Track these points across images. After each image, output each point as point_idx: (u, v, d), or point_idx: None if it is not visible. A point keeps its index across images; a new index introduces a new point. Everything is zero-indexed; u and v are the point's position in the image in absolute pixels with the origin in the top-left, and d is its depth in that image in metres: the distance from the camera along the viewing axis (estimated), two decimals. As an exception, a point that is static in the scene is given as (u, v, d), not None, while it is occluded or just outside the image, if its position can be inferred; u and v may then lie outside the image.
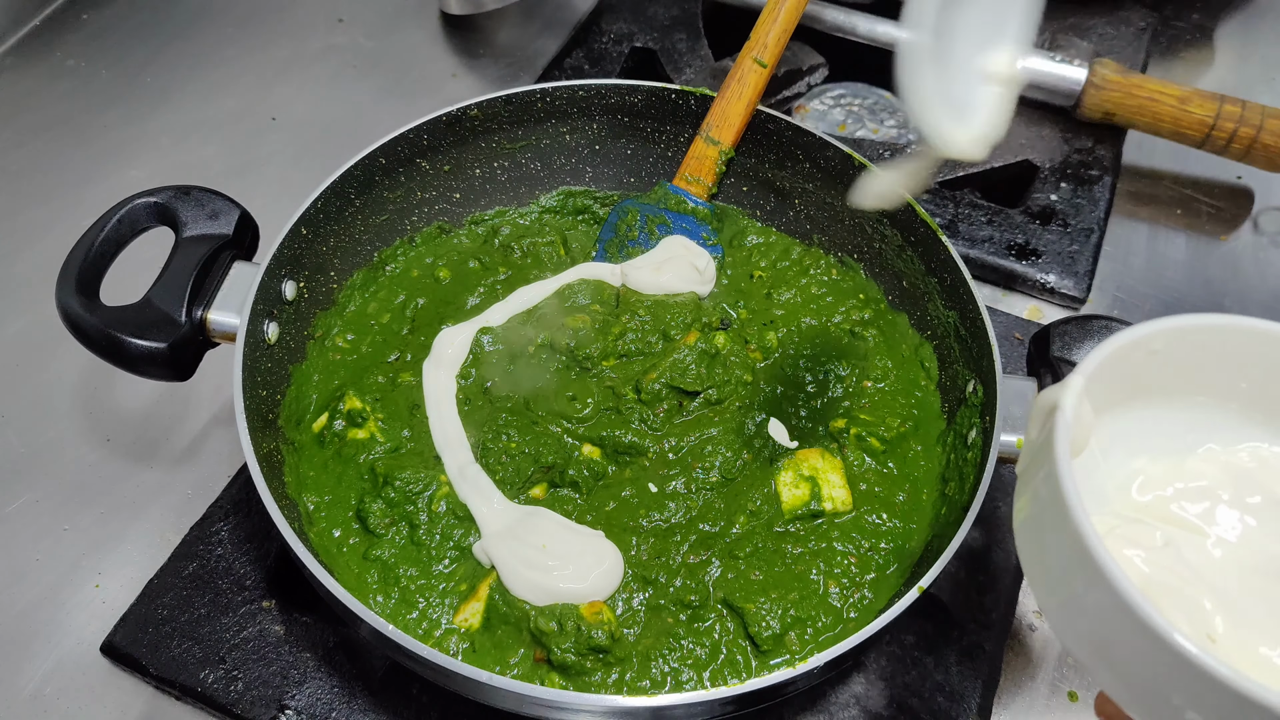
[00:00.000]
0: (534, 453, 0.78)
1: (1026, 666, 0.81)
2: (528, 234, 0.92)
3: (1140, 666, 0.48)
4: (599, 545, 0.73)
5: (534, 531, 0.73)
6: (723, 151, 0.90)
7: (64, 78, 1.21)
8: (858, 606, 0.72)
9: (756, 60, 0.89)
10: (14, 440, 0.90)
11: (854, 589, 0.73)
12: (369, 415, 0.79)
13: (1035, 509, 0.54)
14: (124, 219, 0.75)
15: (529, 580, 0.70)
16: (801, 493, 0.76)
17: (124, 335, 0.70)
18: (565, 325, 0.84)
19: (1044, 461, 0.52)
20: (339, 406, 0.79)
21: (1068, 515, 0.48)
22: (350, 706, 0.74)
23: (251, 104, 1.20)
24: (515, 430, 0.78)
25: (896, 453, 0.79)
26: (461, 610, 0.71)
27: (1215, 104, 1.05)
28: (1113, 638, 0.48)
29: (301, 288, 0.81)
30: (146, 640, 0.76)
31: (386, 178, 0.87)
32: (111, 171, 1.12)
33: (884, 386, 0.83)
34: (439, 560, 0.73)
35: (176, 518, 0.86)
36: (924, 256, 0.83)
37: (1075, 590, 0.50)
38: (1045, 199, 1.08)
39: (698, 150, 0.91)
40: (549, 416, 0.80)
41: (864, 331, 0.87)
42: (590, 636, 0.68)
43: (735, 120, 0.89)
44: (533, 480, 0.78)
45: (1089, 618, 0.50)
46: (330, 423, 0.79)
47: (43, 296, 0.76)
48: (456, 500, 0.75)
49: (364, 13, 1.32)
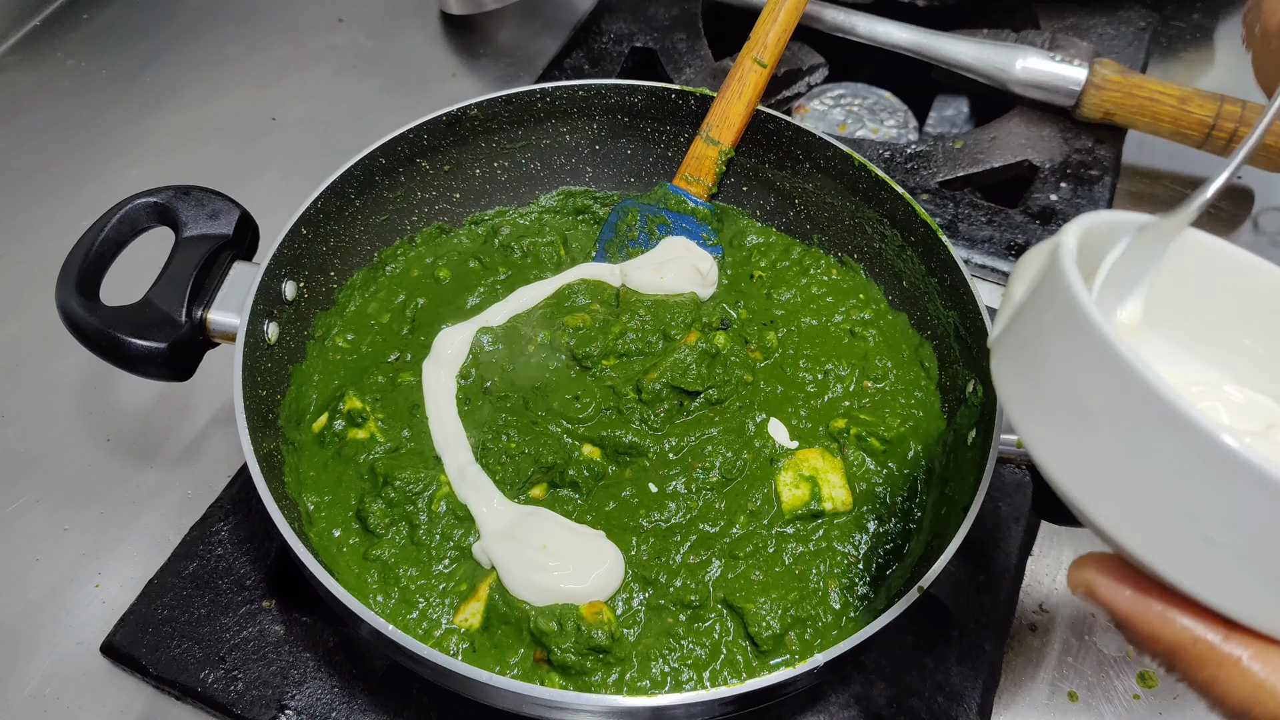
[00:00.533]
0: (534, 453, 0.78)
1: (1026, 666, 0.81)
2: (528, 234, 0.92)
3: (1164, 478, 0.42)
4: (599, 545, 0.73)
5: (534, 532, 0.73)
6: (723, 151, 0.90)
7: (64, 78, 1.21)
8: (857, 606, 0.72)
9: (756, 60, 0.89)
10: (14, 440, 0.90)
11: (854, 589, 0.73)
12: (369, 415, 0.79)
13: (1030, 329, 0.49)
14: (124, 219, 0.75)
15: (529, 580, 0.70)
16: (802, 493, 0.76)
17: (124, 335, 0.70)
18: (565, 324, 0.84)
19: (1044, 280, 0.48)
20: (339, 406, 0.79)
21: (1078, 315, 0.44)
22: (350, 706, 0.74)
23: (251, 104, 1.20)
24: (515, 430, 0.78)
25: (896, 453, 0.79)
26: (461, 610, 0.71)
27: (1215, 104, 1.05)
28: (1135, 447, 0.43)
29: (301, 288, 0.81)
30: (146, 640, 0.76)
31: (386, 178, 0.87)
32: (111, 171, 1.12)
33: (884, 386, 0.83)
34: (439, 560, 0.73)
35: (176, 518, 0.86)
36: (924, 256, 0.83)
37: (1089, 405, 0.45)
38: (1045, 199, 1.08)
39: (698, 150, 0.91)
40: (549, 416, 0.80)
41: (864, 331, 0.87)
42: (590, 636, 0.68)
43: (735, 120, 0.89)
44: (533, 480, 0.78)
45: (1103, 432, 0.44)
46: (330, 423, 0.79)
47: (43, 296, 0.76)
48: (456, 500, 0.75)
49: (364, 13, 1.32)
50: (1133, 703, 0.79)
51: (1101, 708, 0.79)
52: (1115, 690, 0.80)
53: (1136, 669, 0.81)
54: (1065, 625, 0.83)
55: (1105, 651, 0.82)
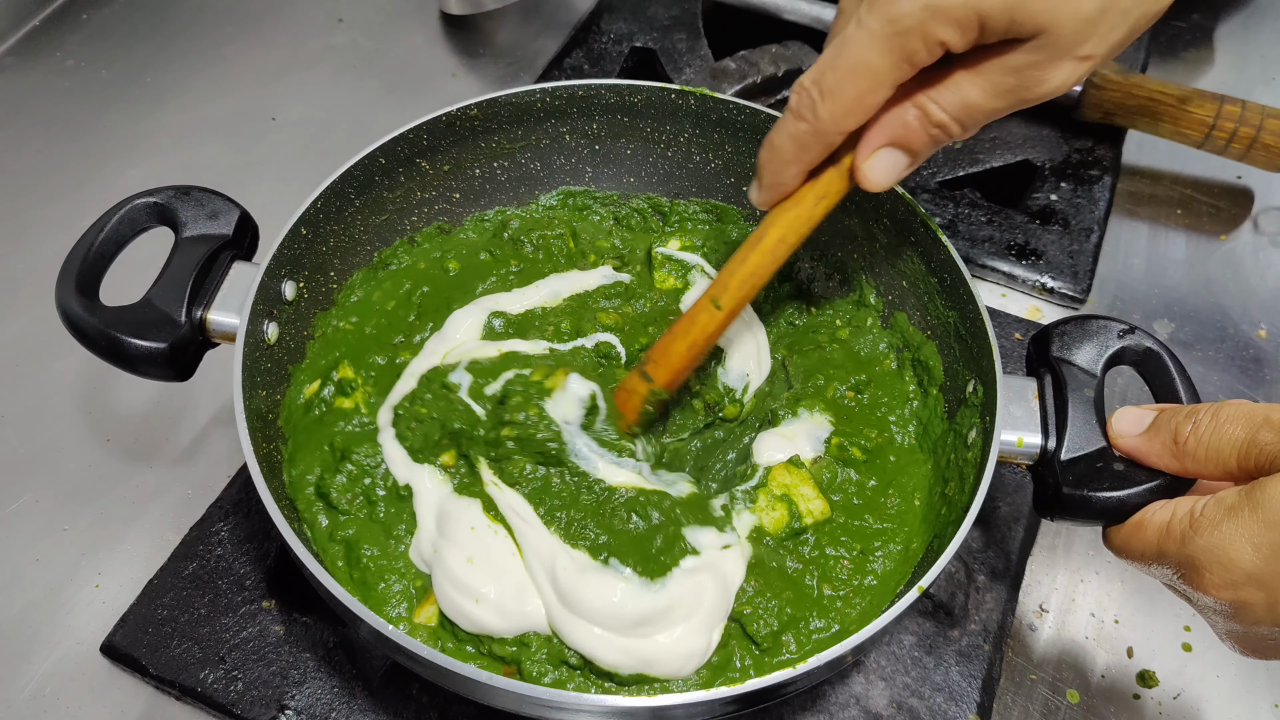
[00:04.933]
0: (442, 418, 0.74)
1: (1026, 666, 0.81)
2: (537, 227, 0.91)
3: None
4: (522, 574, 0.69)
5: (459, 531, 0.70)
6: (654, 391, 0.76)
7: (64, 78, 1.21)
8: (855, 606, 0.72)
9: (713, 300, 0.74)
10: (14, 440, 0.90)
11: (850, 590, 0.73)
12: (358, 386, 0.79)
13: None
14: (124, 219, 0.75)
15: (457, 607, 0.68)
16: (780, 514, 0.75)
17: (124, 335, 0.70)
18: (598, 320, 0.83)
19: None
20: (332, 374, 0.79)
21: None
22: (350, 706, 0.74)
23: (251, 104, 1.20)
24: (431, 396, 0.75)
25: (877, 463, 0.79)
26: (419, 611, 0.70)
27: (1215, 104, 1.05)
28: None
29: (301, 288, 0.81)
30: (146, 640, 0.77)
31: (386, 178, 0.87)
32: (111, 171, 1.12)
33: (864, 398, 0.83)
34: (401, 540, 0.72)
35: (176, 518, 0.86)
36: (924, 256, 0.83)
37: None
38: (1045, 199, 1.08)
39: (629, 382, 0.77)
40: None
41: (864, 332, 0.87)
42: (563, 652, 0.66)
43: (675, 361, 0.75)
44: (441, 446, 0.75)
45: None
46: (321, 390, 0.79)
47: (43, 296, 0.76)
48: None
49: (364, 13, 1.32)
50: (1133, 702, 0.79)
51: (1101, 707, 0.79)
52: (1115, 690, 0.80)
53: (1136, 669, 0.81)
54: (1065, 625, 0.83)
55: (1106, 651, 0.82)
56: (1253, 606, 0.58)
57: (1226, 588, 0.58)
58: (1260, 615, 0.58)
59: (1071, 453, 0.68)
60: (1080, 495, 0.66)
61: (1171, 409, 0.65)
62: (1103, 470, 0.67)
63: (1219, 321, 1.03)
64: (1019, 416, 0.71)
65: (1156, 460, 0.65)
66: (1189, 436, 0.62)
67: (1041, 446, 0.70)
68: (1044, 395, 0.72)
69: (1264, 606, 0.57)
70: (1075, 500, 0.67)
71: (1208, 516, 0.59)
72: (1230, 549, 0.57)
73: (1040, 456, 0.70)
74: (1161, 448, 0.64)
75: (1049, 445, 0.69)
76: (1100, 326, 0.73)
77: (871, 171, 0.65)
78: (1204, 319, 1.03)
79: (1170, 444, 0.63)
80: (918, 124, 0.63)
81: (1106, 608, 0.84)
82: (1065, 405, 0.70)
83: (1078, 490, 0.66)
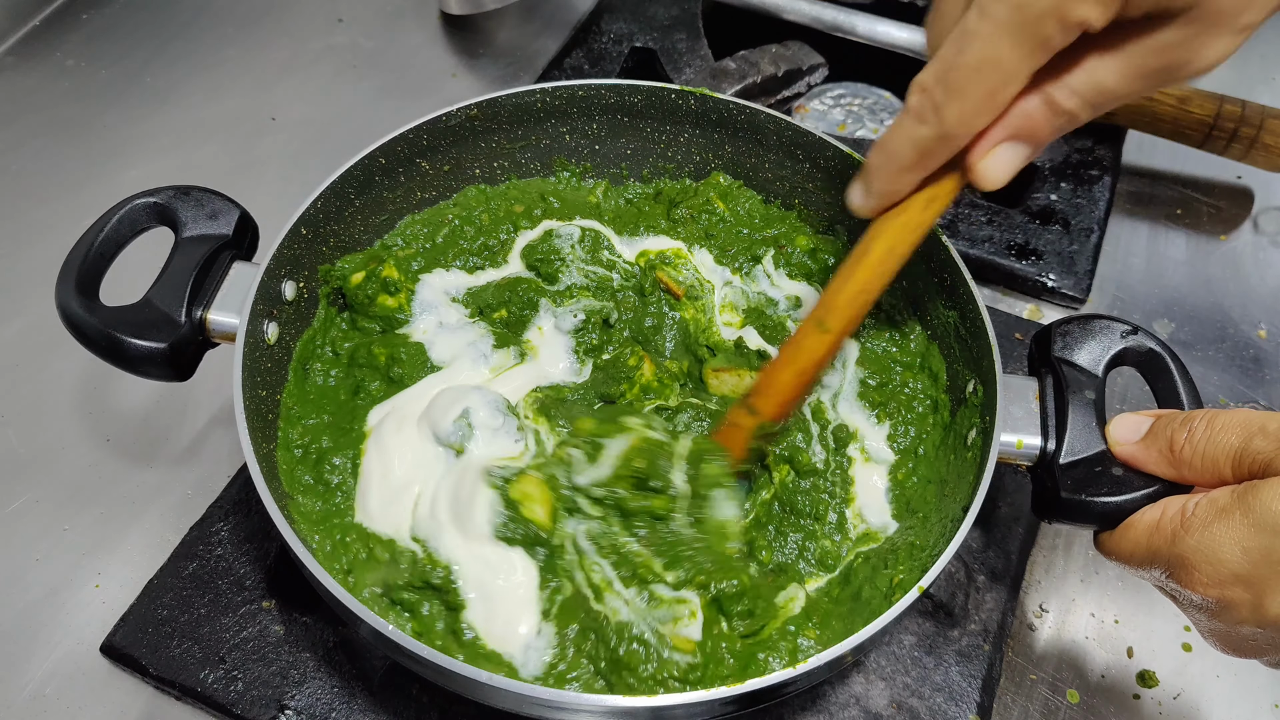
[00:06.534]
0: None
1: (1026, 666, 0.81)
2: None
3: None
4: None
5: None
6: (762, 425, 0.73)
7: (64, 78, 1.21)
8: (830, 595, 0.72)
9: (818, 323, 0.69)
10: (14, 440, 0.90)
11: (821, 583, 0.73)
12: (402, 287, 0.82)
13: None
14: (124, 219, 0.75)
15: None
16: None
17: (124, 335, 0.70)
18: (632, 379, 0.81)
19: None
20: (377, 270, 0.81)
21: None
22: (350, 706, 0.74)
23: (251, 104, 1.20)
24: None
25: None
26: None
27: (1215, 104, 1.05)
28: None
29: (301, 288, 0.81)
30: (146, 640, 0.77)
31: (386, 178, 0.87)
32: (111, 171, 1.12)
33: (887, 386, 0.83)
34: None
35: (176, 518, 0.86)
36: (924, 256, 0.83)
37: None
38: (1045, 199, 1.08)
39: (733, 416, 0.75)
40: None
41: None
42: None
43: (782, 389, 0.72)
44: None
45: None
46: (366, 282, 0.81)
47: (43, 296, 0.76)
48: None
49: (364, 13, 1.32)
50: (1133, 702, 0.79)
51: (1101, 707, 0.79)
52: (1115, 690, 0.80)
53: (1136, 669, 0.81)
54: (1065, 625, 0.83)
55: (1106, 651, 0.82)
56: (1238, 606, 0.58)
57: (1214, 586, 0.58)
58: (1244, 615, 0.58)
59: (1071, 456, 0.68)
60: (1078, 500, 0.66)
61: (1168, 416, 0.65)
62: (1101, 475, 0.67)
63: (1219, 321, 1.03)
64: (1019, 418, 0.71)
65: (1153, 467, 0.65)
66: (1184, 444, 0.62)
67: (1041, 449, 0.70)
68: (1044, 396, 0.72)
69: (1248, 607, 0.58)
70: (1073, 504, 0.67)
71: (1199, 516, 0.59)
72: (1220, 549, 0.57)
73: (1039, 459, 0.70)
74: (1158, 455, 0.64)
75: (1048, 447, 0.69)
76: (1103, 326, 0.73)
77: (991, 169, 0.60)
78: (1204, 319, 1.03)
79: (1166, 451, 0.63)
80: (1043, 114, 0.57)
81: (1106, 607, 0.84)
82: (1065, 407, 0.70)
83: (1076, 494, 0.66)
